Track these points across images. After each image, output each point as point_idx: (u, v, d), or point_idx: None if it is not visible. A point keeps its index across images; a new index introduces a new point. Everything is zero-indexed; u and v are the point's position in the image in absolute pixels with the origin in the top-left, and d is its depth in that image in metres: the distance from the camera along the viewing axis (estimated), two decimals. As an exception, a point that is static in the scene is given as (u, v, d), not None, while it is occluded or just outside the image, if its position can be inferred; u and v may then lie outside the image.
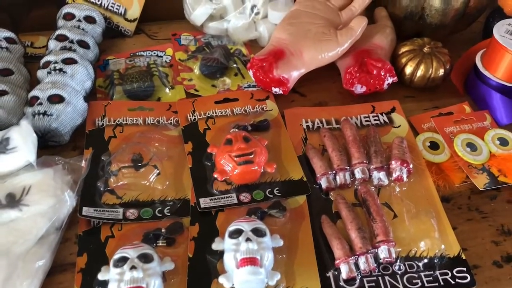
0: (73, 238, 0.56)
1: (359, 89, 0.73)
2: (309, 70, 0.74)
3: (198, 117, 0.69)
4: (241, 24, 0.82)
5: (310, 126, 0.70)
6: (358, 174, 0.62)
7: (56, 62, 0.66)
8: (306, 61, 0.73)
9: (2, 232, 0.52)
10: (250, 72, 0.74)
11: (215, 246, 0.52)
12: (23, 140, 0.58)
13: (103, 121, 0.67)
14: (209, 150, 0.64)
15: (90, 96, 0.70)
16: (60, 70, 0.66)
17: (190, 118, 0.69)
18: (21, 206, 0.54)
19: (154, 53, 0.81)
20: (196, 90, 0.74)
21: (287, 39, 0.74)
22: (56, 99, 0.62)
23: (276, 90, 0.73)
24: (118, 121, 0.68)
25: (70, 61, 0.67)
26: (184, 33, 0.85)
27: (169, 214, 0.58)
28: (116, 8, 0.83)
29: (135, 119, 0.68)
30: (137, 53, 0.80)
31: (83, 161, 0.61)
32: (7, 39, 0.71)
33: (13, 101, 0.63)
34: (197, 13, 0.81)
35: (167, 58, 0.80)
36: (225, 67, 0.77)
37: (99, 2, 0.82)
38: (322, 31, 0.74)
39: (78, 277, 0.52)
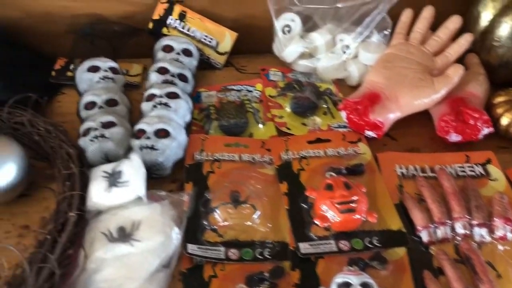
0: (177, 275, 0.57)
1: (454, 137, 0.73)
2: (403, 116, 0.74)
3: (292, 156, 0.70)
4: (331, 64, 0.82)
5: (405, 173, 0.69)
6: (459, 229, 0.61)
7: (161, 96, 0.68)
8: (401, 106, 0.73)
9: (115, 266, 0.54)
10: (343, 114, 0.74)
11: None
12: (134, 174, 0.59)
13: (201, 156, 0.69)
14: (307, 194, 0.64)
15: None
16: (166, 104, 0.67)
17: (284, 157, 0.70)
18: (133, 241, 0.55)
19: (244, 87, 0.82)
20: (288, 128, 0.75)
21: (383, 83, 0.74)
22: (163, 133, 0.64)
23: (369, 133, 0.73)
24: (216, 156, 0.69)
25: (173, 96, 0.69)
26: (272, 68, 0.86)
27: (269, 257, 0.58)
28: (209, 41, 0.85)
29: (232, 155, 0.70)
30: (227, 87, 0.82)
31: (185, 196, 0.62)
32: (112, 69, 0.74)
33: (121, 133, 0.65)
34: (289, 51, 0.82)
35: (256, 93, 0.81)
36: (315, 106, 0.78)
37: (193, 34, 0.85)
38: (418, 76, 0.74)
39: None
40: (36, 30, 0.83)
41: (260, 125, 0.74)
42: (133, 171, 0.59)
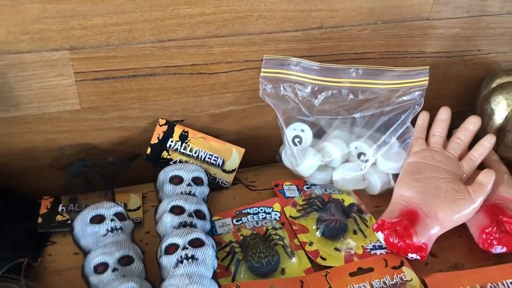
0: None
1: (499, 249, 0.68)
2: (444, 232, 0.68)
3: (337, 296, 0.62)
4: (350, 176, 0.77)
5: (459, 299, 0.63)
6: None
7: (185, 248, 0.58)
8: (442, 223, 0.67)
9: None
10: (380, 235, 0.68)
11: None
12: None
13: (238, 310, 0.59)
14: None
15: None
16: (192, 257, 0.58)
17: (329, 298, 0.62)
18: None
19: (261, 209, 0.74)
20: (323, 259, 0.67)
21: (416, 197, 0.69)
22: (194, 296, 0.54)
23: (412, 255, 0.67)
24: (254, 308, 0.60)
25: (198, 244, 0.59)
26: (286, 182, 0.79)
27: None
28: (214, 160, 0.77)
29: (271, 305, 0.60)
30: (242, 211, 0.73)
31: None
32: (117, 215, 0.63)
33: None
34: (306, 166, 0.76)
35: (276, 214, 0.73)
36: (346, 227, 0.71)
37: (196, 155, 0.76)
38: (452, 187, 0.69)
39: None
40: (14, 169, 0.71)
41: (293, 259, 0.66)
42: None
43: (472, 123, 0.76)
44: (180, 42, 0.69)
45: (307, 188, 0.79)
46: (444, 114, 0.77)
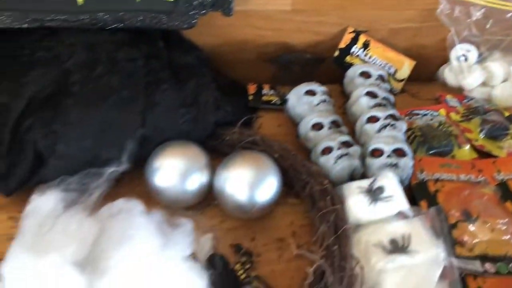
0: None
1: None
2: None
3: (505, 177, 0.73)
4: (508, 93, 0.87)
5: None
6: None
7: (386, 118, 0.72)
8: None
9: (399, 276, 0.56)
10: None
11: None
12: (396, 189, 0.63)
13: (423, 175, 0.72)
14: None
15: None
16: (393, 125, 0.71)
17: (497, 178, 0.73)
18: (411, 253, 0.58)
19: (429, 112, 0.86)
20: (489, 151, 0.79)
21: None
22: (401, 152, 0.68)
23: None
24: (436, 176, 0.72)
25: (394, 118, 0.73)
26: (448, 95, 0.90)
27: (529, 271, 0.61)
28: (387, 68, 0.90)
29: (450, 175, 0.73)
30: (413, 111, 0.86)
31: (427, 212, 0.65)
32: (325, 92, 0.78)
33: (359, 152, 0.69)
34: (470, 80, 0.87)
35: (441, 118, 0.85)
36: (508, 130, 0.81)
37: (373, 62, 0.89)
38: None
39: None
40: (229, 57, 0.88)
41: (467, 147, 0.78)
42: (393, 186, 0.63)
43: None
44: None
45: (467, 102, 0.90)
46: None
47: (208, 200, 0.67)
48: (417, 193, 0.70)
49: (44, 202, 0.56)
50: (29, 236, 0.52)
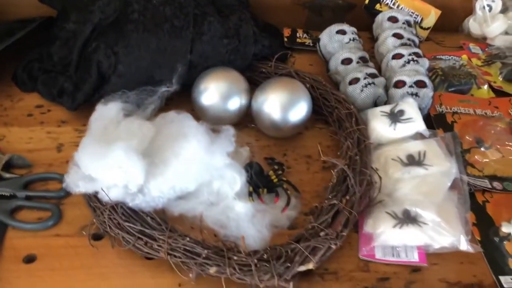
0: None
1: None
2: None
3: (519, 113, 0.80)
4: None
5: None
6: None
7: (409, 55, 0.79)
8: None
9: (413, 184, 0.64)
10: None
11: None
12: (415, 112, 0.70)
13: (442, 108, 0.79)
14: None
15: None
16: (416, 61, 0.78)
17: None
18: (425, 166, 0.65)
19: (452, 57, 0.92)
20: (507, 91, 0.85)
21: None
22: (422, 84, 0.75)
23: None
24: (454, 109, 0.79)
25: (417, 55, 0.79)
26: (471, 43, 0.96)
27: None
28: (414, 16, 0.96)
29: (467, 110, 0.79)
30: (437, 57, 0.92)
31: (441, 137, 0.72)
32: (355, 33, 0.85)
33: (383, 82, 0.76)
34: (494, 27, 0.92)
35: (463, 63, 0.91)
36: (526, 74, 0.87)
37: (401, 9, 0.96)
38: None
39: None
40: (266, 2, 0.95)
41: (485, 87, 0.84)
42: (413, 110, 0.70)
43: None
44: None
45: (489, 50, 0.95)
46: None
47: (245, 123, 0.76)
48: (435, 122, 0.77)
49: (108, 110, 0.66)
50: (98, 134, 0.62)
